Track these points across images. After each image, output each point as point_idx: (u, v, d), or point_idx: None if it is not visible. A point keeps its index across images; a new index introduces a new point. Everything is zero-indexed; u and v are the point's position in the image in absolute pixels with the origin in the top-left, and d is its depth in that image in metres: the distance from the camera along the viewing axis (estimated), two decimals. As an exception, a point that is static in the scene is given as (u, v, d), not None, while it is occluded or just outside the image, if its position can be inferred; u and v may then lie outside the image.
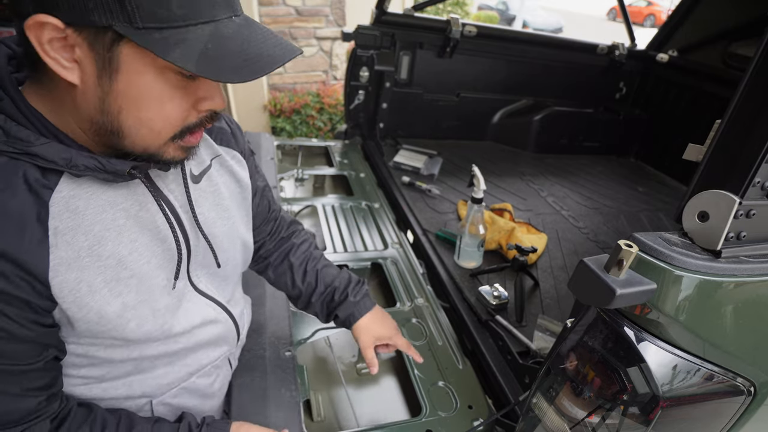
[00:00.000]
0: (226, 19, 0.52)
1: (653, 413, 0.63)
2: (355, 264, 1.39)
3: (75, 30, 0.46)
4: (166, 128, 0.55)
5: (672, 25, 2.46)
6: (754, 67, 0.59)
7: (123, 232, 0.59)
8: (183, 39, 0.48)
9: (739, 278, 0.61)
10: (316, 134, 3.84)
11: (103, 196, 0.57)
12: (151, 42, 0.47)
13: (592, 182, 2.25)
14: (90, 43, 0.47)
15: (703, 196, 0.61)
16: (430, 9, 4.89)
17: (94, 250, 0.56)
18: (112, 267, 0.58)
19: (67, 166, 0.52)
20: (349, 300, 0.94)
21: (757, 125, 0.58)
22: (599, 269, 0.59)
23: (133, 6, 0.45)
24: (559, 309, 1.29)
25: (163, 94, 0.52)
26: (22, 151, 0.50)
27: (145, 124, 0.53)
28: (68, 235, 0.54)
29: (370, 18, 2.06)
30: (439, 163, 2.10)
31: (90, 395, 0.67)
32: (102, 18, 0.45)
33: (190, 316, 0.71)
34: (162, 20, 0.47)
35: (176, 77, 0.52)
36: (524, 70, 2.42)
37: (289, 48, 0.55)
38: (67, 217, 0.54)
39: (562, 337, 0.74)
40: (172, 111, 0.54)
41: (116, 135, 0.53)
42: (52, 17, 0.45)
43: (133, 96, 0.51)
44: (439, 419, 0.95)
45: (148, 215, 0.62)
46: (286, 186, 1.94)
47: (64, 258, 0.54)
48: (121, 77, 0.49)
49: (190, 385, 0.77)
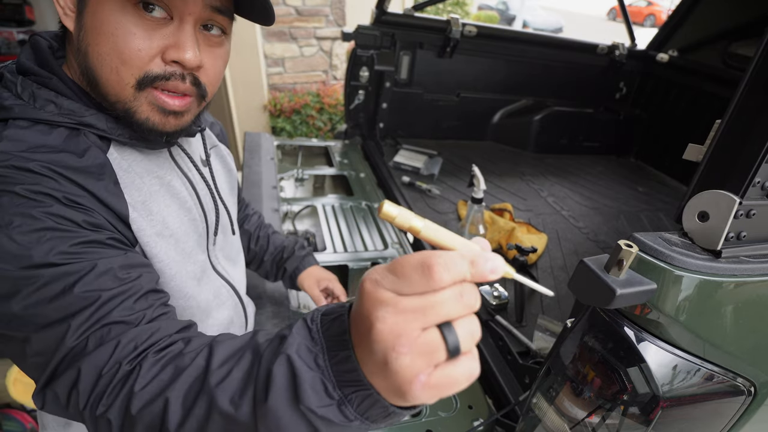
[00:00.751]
0: None
1: (653, 413, 0.63)
2: (355, 264, 1.39)
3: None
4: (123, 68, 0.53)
5: (672, 25, 2.46)
6: (754, 67, 0.59)
7: (159, 197, 0.64)
8: None
9: (739, 278, 0.61)
10: (316, 134, 3.84)
11: (141, 163, 0.63)
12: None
13: (592, 182, 2.25)
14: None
15: (703, 196, 0.61)
16: (430, 9, 4.89)
17: (147, 205, 0.61)
18: (160, 223, 0.63)
19: (114, 134, 0.58)
20: (296, 255, 1.08)
21: (757, 125, 0.58)
22: (599, 269, 0.59)
23: None
24: (559, 309, 1.29)
25: (119, 27, 0.52)
26: (77, 121, 0.56)
27: (104, 61, 0.53)
28: (128, 188, 0.59)
29: (370, 18, 2.06)
30: (439, 163, 2.10)
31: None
32: None
33: (207, 290, 0.73)
34: None
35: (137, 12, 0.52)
36: (524, 70, 2.42)
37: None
38: (123, 174, 0.59)
39: (562, 337, 0.74)
40: (126, 46, 0.52)
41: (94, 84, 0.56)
42: None
43: (95, 28, 0.53)
44: (439, 419, 0.95)
45: (176, 184, 0.67)
46: (286, 186, 1.94)
47: (132, 203, 0.59)
48: (88, 9, 0.53)
49: None
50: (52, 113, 0.56)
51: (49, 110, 0.56)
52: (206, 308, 0.73)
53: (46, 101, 0.56)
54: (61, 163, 0.53)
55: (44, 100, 0.56)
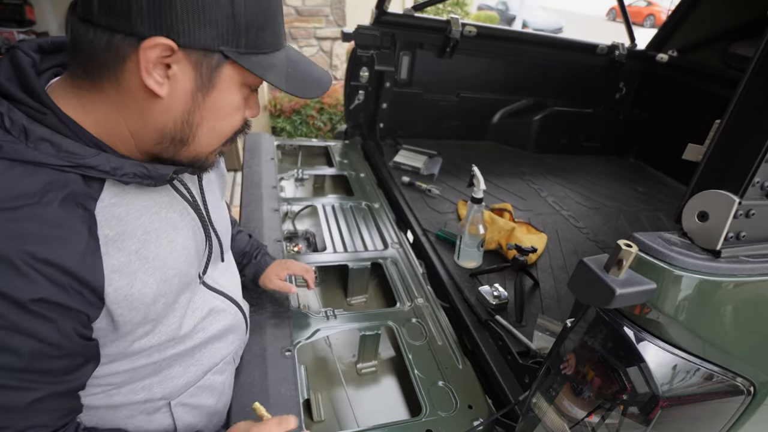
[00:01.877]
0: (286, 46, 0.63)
1: (653, 413, 0.63)
2: (355, 264, 1.39)
3: (185, 52, 0.52)
4: (226, 135, 0.62)
5: (672, 25, 2.46)
6: (754, 67, 0.59)
7: (160, 234, 0.63)
8: (272, 63, 0.59)
9: (739, 278, 0.61)
10: (316, 134, 3.85)
11: (138, 201, 0.60)
12: (253, 65, 0.56)
13: (592, 182, 2.25)
14: (195, 64, 0.54)
15: (703, 196, 0.61)
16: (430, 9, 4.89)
17: (141, 253, 0.59)
18: (160, 268, 0.62)
19: (117, 175, 0.55)
20: (252, 263, 1.10)
21: (757, 125, 0.58)
22: (599, 269, 0.59)
23: (242, 36, 0.54)
24: (559, 309, 1.29)
25: (236, 106, 0.61)
26: (75, 163, 0.52)
27: (215, 133, 0.61)
28: (118, 242, 0.57)
29: (370, 18, 2.06)
30: (439, 163, 2.10)
31: (110, 403, 0.67)
32: (214, 43, 0.53)
33: (198, 309, 0.74)
34: (258, 47, 0.57)
35: (247, 91, 0.61)
36: (524, 70, 2.42)
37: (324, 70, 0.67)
38: (115, 224, 0.57)
39: (562, 337, 0.74)
40: (238, 120, 0.62)
41: (183, 143, 0.59)
42: (169, 40, 0.50)
43: (217, 108, 0.58)
44: (439, 419, 0.95)
45: (175, 215, 0.66)
46: (286, 186, 1.94)
47: (116, 265, 0.56)
48: (214, 93, 0.57)
49: (206, 383, 0.79)
50: (48, 154, 0.51)
51: (45, 150, 0.51)
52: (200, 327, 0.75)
53: (40, 140, 0.51)
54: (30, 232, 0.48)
55: (39, 139, 0.51)
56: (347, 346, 1.25)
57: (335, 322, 1.15)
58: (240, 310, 0.87)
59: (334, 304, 1.40)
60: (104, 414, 0.67)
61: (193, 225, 0.70)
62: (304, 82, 0.62)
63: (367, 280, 1.44)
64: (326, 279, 1.49)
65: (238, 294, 0.89)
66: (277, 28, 0.59)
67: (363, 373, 1.18)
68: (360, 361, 1.19)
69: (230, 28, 0.53)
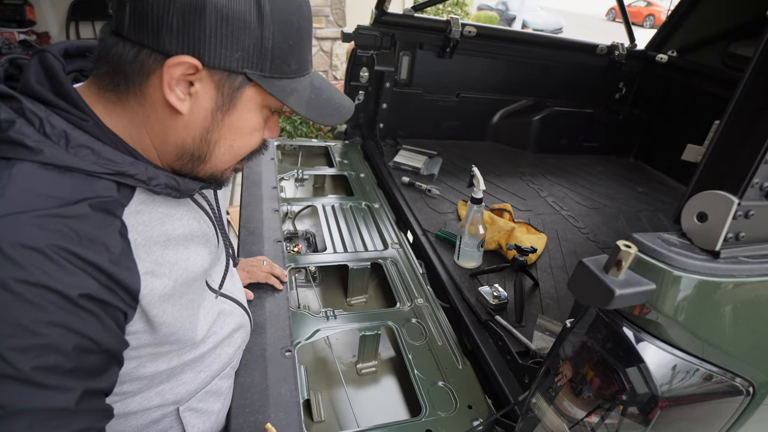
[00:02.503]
0: (311, 72, 0.64)
1: (652, 413, 0.63)
2: (355, 264, 1.39)
3: (209, 71, 0.53)
4: (243, 154, 0.64)
5: (671, 25, 2.46)
6: (754, 67, 0.59)
7: (180, 241, 0.64)
8: (295, 88, 0.59)
9: (738, 279, 0.61)
10: (316, 134, 3.85)
11: (160, 209, 0.61)
12: (275, 89, 0.57)
13: (592, 182, 2.25)
14: (218, 84, 0.55)
15: (702, 196, 0.61)
16: (430, 9, 4.89)
17: (167, 258, 0.61)
18: (183, 271, 0.63)
19: (151, 185, 0.57)
20: None
21: (757, 125, 0.58)
22: (598, 270, 0.59)
23: (267, 60, 0.55)
24: (559, 309, 1.29)
25: (255, 127, 0.62)
26: (115, 171, 0.54)
27: (233, 152, 0.62)
28: (146, 247, 0.58)
29: (370, 18, 2.06)
30: (439, 163, 2.10)
31: (126, 410, 0.67)
32: (239, 65, 0.54)
33: (208, 313, 0.75)
34: (282, 72, 0.57)
35: (267, 113, 0.62)
36: (524, 70, 2.42)
37: (347, 98, 0.69)
38: (141, 229, 0.57)
39: (562, 337, 0.74)
40: (256, 140, 0.64)
41: (200, 160, 0.60)
42: (194, 59, 0.51)
43: (236, 128, 0.59)
44: (439, 419, 0.95)
45: (194, 223, 0.67)
46: (286, 186, 1.94)
47: (149, 267, 0.57)
48: (235, 113, 0.58)
49: (213, 388, 0.80)
50: (88, 161, 0.52)
51: (85, 157, 0.52)
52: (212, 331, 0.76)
53: (80, 146, 0.52)
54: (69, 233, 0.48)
55: (79, 145, 0.52)
56: (347, 346, 1.25)
57: (335, 322, 1.15)
58: (245, 311, 0.88)
59: (334, 304, 1.41)
60: (114, 425, 0.67)
61: (208, 234, 0.71)
62: (325, 109, 0.63)
63: (367, 280, 1.44)
64: (326, 279, 1.49)
65: (242, 297, 0.90)
66: (303, 55, 0.60)
67: (363, 373, 1.18)
68: (360, 361, 1.19)
69: (257, 52, 0.54)
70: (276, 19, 0.54)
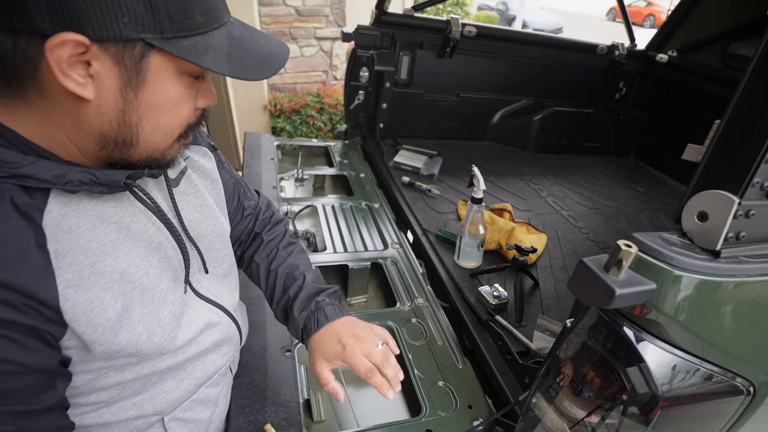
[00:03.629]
0: (228, 21, 0.55)
1: (653, 413, 0.63)
2: (355, 264, 1.39)
3: (100, 46, 0.45)
4: (176, 130, 0.56)
5: (671, 25, 2.46)
6: (754, 67, 0.59)
7: (118, 246, 0.57)
8: (209, 45, 0.51)
9: (739, 278, 0.61)
10: (316, 134, 3.85)
11: (92, 211, 0.55)
12: (183, 50, 0.49)
13: (592, 182, 2.25)
14: (115, 58, 0.47)
15: (703, 196, 0.61)
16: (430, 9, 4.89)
17: (96, 268, 0.54)
18: (117, 282, 0.57)
19: (60, 184, 0.50)
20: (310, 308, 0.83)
21: (757, 125, 0.58)
22: (599, 269, 0.59)
23: (164, 17, 0.46)
24: (559, 309, 1.29)
25: (179, 98, 0.54)
26: (9, 174, 0.47)
27: (162, 130, 0.54)
28: (68, 256, 0.52)
29: (370, 18, 2.06)
30: (439, 163, 2.10)
31: (101, 421, 0.64)
32: (132, 31, 0.46)
33: (194, 322, 0.70)
34: (187, 28, 0.49)
35: (189, 80, 0.54)
36: (524, 70, 2.42)
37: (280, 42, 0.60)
38: (63, 237, 0.51)
39: (562, 337, 0.74)
40: (185, 112, 0.56)
41: (127, 145, 0.53)
42: (77, 34, 0.43)
43: (156, 104, 0.52)
44: (439, 419, 0.95)
45: (138, 225, 0.61)
46: (286, 186, 1.94)
47: (71, 280, 0.51)
48: (147, 87, 0.50)
49: (200, 396, 0.76)
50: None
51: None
52: (195, 341, 0.71)
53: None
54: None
55: None
56: (347, 346, 1.25)
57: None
58: (234, 322, 0.81)
59: (334, 304, 1.40)
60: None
61: (159, 235, 0.63)
62: (251, 61, 0.54)
63: (367, 280, 1.44)
64: (326, 279, 1.49)
65: (232, 305, 0.82)
66: (210, 3, 0.51)
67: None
68: (360, 361, 1.19)
69: (147, 10, 0.45)
70: None
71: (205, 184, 0.77)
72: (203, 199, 0.74)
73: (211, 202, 0.77)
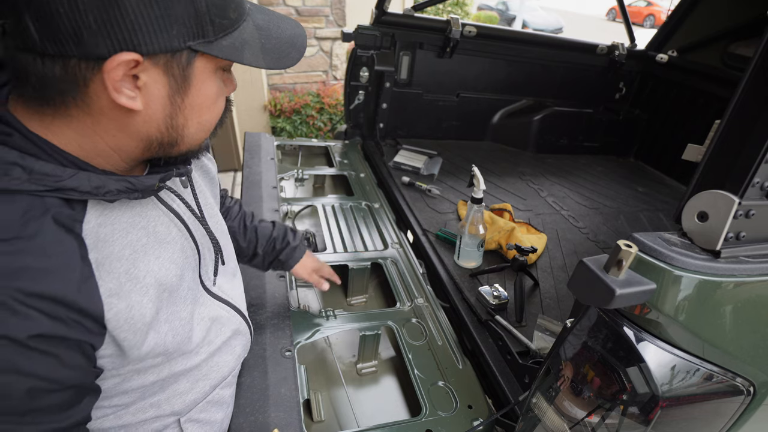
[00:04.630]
0: (250, 10, 0.56)
1: (653, 413, 0.63)
2: (355, 264, 1.39)
3: (151, 59, 0.48)
4: (214, 125, 0.60)
5: (671, 25, 2.46)
6: (754, 67, 0.59)
7: (147, 250, 0.59)
8: (244, 40, 0.53)
9: (739, 278, 0.61)
10: (316, 134, 3.85)
11: (123, 218, 0.57)
12: (225, 51, 0.51)
13: (592, 182, 2.25)
14: (163, 68, 0.49)
15: (703, 196, 0.61)
16: (430, 9, 4.89)
17: (131, 274, 0.56)
18: (151, 285, 0.58)
19: (100, 194, 0.51)
20: (290, 246, 1.08)
21: (757, 125, 0.58)
22: (599, 269, 0.59)
23: (206, 23, 0.49)
24: (559, 309, 1.29)
25: (218, 94, 0.57)
26: (52, 187, 0.48)
27: (203, 127, 0.58)
28: (107, 265, 0.53)
29: (370, 18, 2.06)
30: (439, 163, 2.10)
31: (120, 423, 0.65)
32: (180, 41, 0.48)
33: (203, 320, 0.72)
34: (224, 28, 0.51)
35: (221, 74, 0.57)
36: (524, 70, 2.42)
37: (295, 23, 0.62)
38: (101, 246, 0.53)
39: (562, 337, 0.74)
40: (221, 105, 0.59)
41: (172, 145, 0.56)
42: (132, 53, 0.45)
43: (199, 104, 0.55)
44: (439, 419, 0.95)
45: (163, 228, 0.63)
46: (286, 186, 1.94)
47: (112, 288, 0.53)
48: (193, 91, 0.53)
49: (215, 398, 0.77)
50: (20, 180, 0.47)
51: (16, 176, 0.47)
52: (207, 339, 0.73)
53: (9, 164, 0.47)
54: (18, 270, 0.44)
55: (7, 163, 0.46)
56: (347, 346, 1.25)
57: (335, 322, 1.15)
58: (244, 319, 0.84)
59: (334, 304, 1.41)
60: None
61: (180, 237, 0.66)
62: (281, 50, 0.57)
63: (367, 280, 1.44)
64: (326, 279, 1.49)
65: (242, 303, 0.86)
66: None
67: (363, 373, 1.18)
68: (360, 361, 1.19)
69: (193, 19, 0.47)
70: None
71: (205, 182, 0.80)
72: (206, 196, 0.77)
73: (212, 200, 0.79)
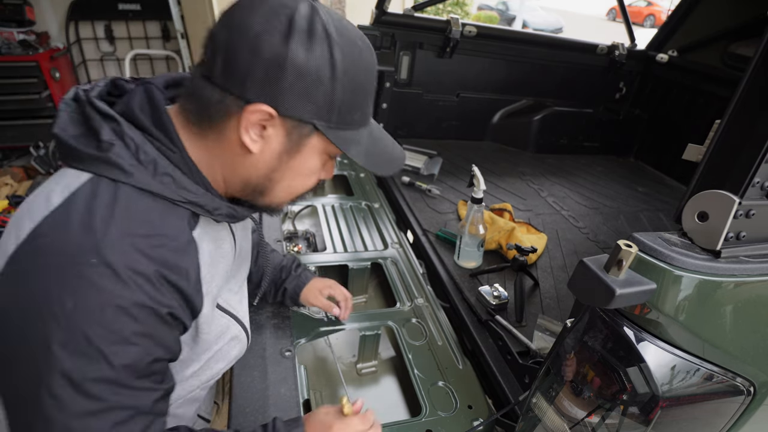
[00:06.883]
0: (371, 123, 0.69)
1: (653, 413, 0.63)
2: (355, 264, 1.39)
3: (282, 119, 0.59)
4: (300, 193, 0.70)
5: (672, 25, 2.46)
6: (754, 67, 0.59)
7: (217, 259, 0.70)
8: (357, 140, 0.65)
9: (739, 278, 0.61)
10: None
11: (211, 232, 0.69)
12: (339, 139, 0.62)
13: (592, 182, 2.25)
14: (288, 130, 0.60)
15: (703, 196, 0.61)
16: (430, 9, 4.89)
17: (213, 278, 0.68)
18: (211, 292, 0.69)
19: (213, 213, 0.64)
20: (293, 275, 1.10)
21: (757, 125, 0.58)
22: (599, 269, 0.59)
23: (335, 112, 0.60)
24: (559, 309, 1.29)
25: (314, 170, 0.67)
26: (189, 200, 0.61)
27: (291, 191, 0.68)
28: (204, 269, 0.65)
29: (370, 18, 2.06)
30: (439, 163, 2.10)
31: None
32: (310, 116, 0.59)
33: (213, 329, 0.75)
34: (346, 123, 0.63)
35: (326, 158, 0.67)
36: (524, 70, 2.42)
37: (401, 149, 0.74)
38: (202, 252, 0.65)
39: (562, 337, 0.74)
40: (312, 182, 0.69)
41: (261, 194, 0.67)
42: (271, 108, 0.57)
43: (296, 170, 0.65)
44: (439, 419, 0.95)
45: (227, 246, 0.74)
46: (286, 186, 1.93)
47: (206, 288, 0.66)
48: (299, 157, 0.63)
49: (194, 395, 0.80)
50: (171, 190, 0.59)
51: (168, 185, 0.59)
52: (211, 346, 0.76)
53: (164, 174, 0.58)
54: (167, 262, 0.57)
55: (163, 173, 0.58)
56: (347, 346, 1.25)
57: (335, 322, 1.15)
58: (243, 327, 0.85)
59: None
60: None
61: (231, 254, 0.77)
62: (381, 159, 0.69)
63: (367, 280, 1.44)
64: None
65: (245, 315, 0.88)
66: (366, 108, 0.65)
67: (363, 373, 1.18)
68: (360, 361, 1.19)
69: (327, 105, 0.59)
70: (347, 75, 0.59)
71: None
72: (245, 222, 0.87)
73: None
